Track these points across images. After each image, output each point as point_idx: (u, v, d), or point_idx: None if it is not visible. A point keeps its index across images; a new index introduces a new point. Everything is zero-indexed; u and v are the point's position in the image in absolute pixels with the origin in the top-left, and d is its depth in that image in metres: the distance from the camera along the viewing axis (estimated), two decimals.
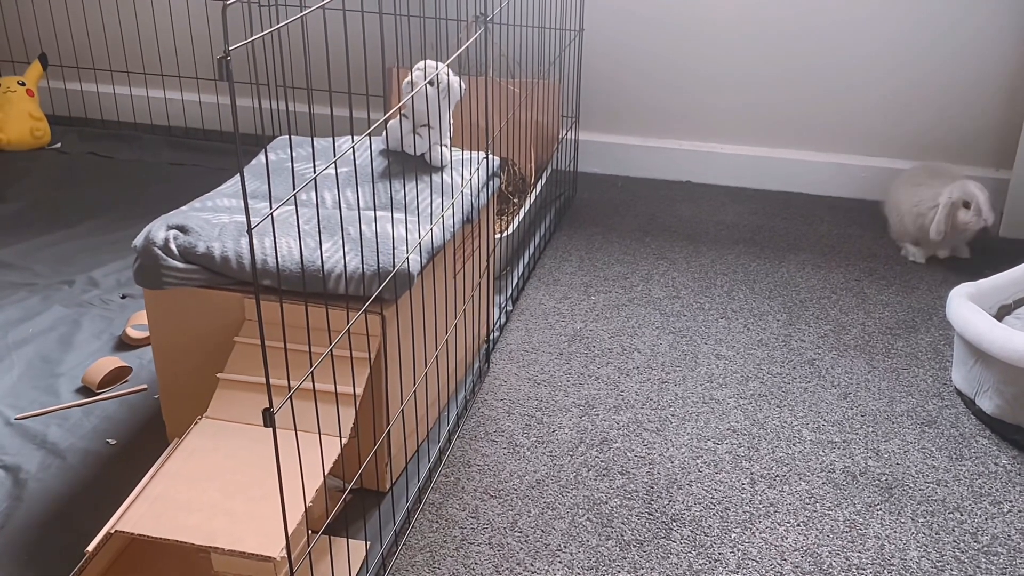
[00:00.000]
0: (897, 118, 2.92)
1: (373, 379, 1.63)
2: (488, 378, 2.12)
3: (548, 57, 2.85)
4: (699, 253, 2.67)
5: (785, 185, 3.05)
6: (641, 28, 2.99)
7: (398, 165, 1.94)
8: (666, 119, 3.09)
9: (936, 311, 2.39)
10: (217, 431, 1.57)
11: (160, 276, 1.67)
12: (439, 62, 1.90)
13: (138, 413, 1.97)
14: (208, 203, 1.86)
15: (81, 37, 3.37)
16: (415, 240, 1.69)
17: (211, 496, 1.44)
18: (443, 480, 1.82)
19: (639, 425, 1.98)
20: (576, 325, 2.32)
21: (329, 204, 1.85)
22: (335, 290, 1.62)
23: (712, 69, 2.99)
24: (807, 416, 2.01)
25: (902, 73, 2.87)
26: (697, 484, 1.82)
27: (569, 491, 1.80)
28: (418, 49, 2.78)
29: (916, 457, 1.90)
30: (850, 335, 2.29)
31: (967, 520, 1.74)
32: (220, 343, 1.68)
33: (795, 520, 1.74)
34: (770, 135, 3.03)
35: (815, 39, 2.88)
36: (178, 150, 3.24)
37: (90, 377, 2.04)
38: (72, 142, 3.27)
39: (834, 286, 2.51)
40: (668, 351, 2.22)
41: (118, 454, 1.86)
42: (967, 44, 2.79)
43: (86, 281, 2.44)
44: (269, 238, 1.66)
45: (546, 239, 2.71)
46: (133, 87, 3.40)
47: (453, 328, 1.93)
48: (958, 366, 2.07)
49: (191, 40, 3.27)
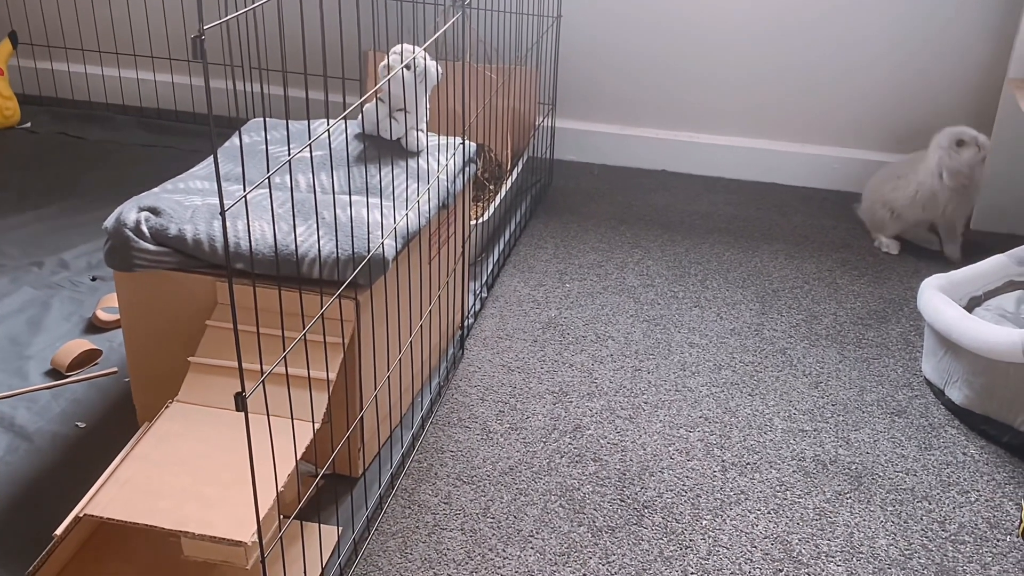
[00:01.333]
0: (871, 111, 2.94)
1: (346, 364, 1.62)
2: (462, 364, 2.12)
3: (525, 43, 2.84)
4: (673, 242, 2.67)
5: (760, 175, 3.07)
6: (619, 16, 2.98)
7: (374, 149, 1.93)
8: (643, 108, 3.09)
9: (907, 302, 2.41)
10: (188, 415, 1.56)
11: (131, 258, 1.65)
12: (416, 46, 1.89)
13: (108, 396, 1.96)
14: (180, 185, 1.85)
15: (52, 15, 3.32)
16: (390, 225, 1.69)
17: (182, 480, 1.43)
18: (416, 466, 1.82)
19: (612, 412, 1.98)
20: (551, 312, 2.32)
21: (303, 188, 1.83)
22: (309, 274, 1.61)
23: (689, 60, 2.99)
24: (778, 405, 2.03)
25: (876, 66, 2.88)
26: (669, 471, 1.83)
27: (542, 477, 1.80)
28: (395, 33, 2.76)
29: (885, 446, 1.92)
30: (822, 325, 2.31)
31: (935, 509, 1.76)
32: (191, 326, 1.67)
33: (765, 508, 1.75)
34: (745, 126, 3.04)
35: (791, 32, 2.89)
36: (151, 131, 3.20)
37: (59, 359, 2.01)
38: (42, 122, 3.23)
39: (807, 276, 2.52)
40: (642, 339, 2.23)
41: (87, 437, 1.84)
42: (940, 39, 2.81)
43: (56, 263, 2.41)
44: (242, 221, 1.64)
45: (521, 226, 2.71)
46: (105, 67, 3.36)
47: (427, 314, 1.93)
48: (928, 357, 2.09)
49: (164, 20, 3.23)
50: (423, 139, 1.97)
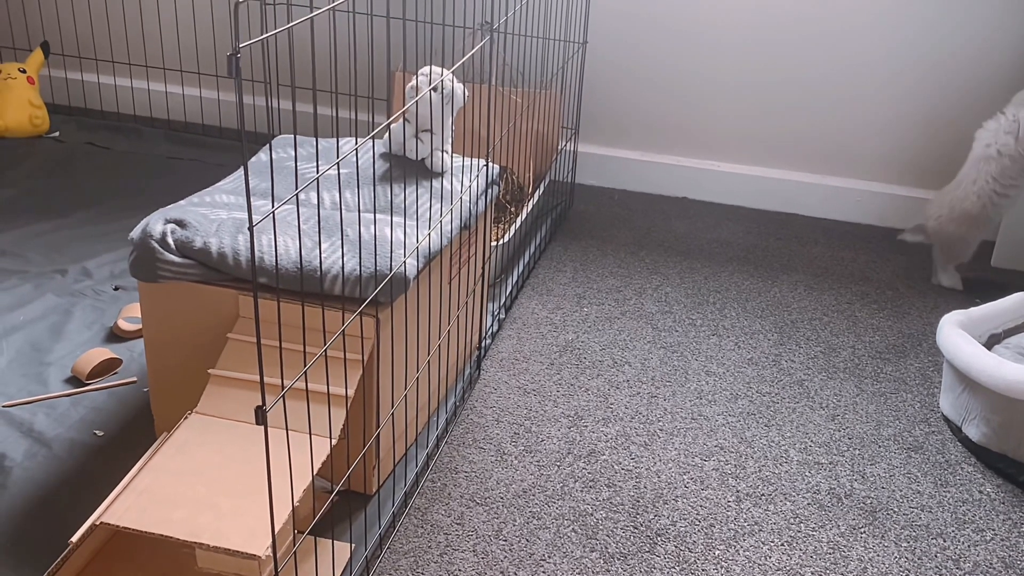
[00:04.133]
0: (894, 144, 2.94)
1: (365, 381, 1.63)
2: (478, 385, 2.12)
3: (551, 68, 2.86)
4: (693, 269, 2.68)
5: (781, 206, 3.07)
6: (644, 44, 3.00)
7: (399, 169, 1.94)
8: (665, 135, 3.10)
9: (926, 337, 2.40)
10: (206, 427, 1.57)
11: (156, 269, 1.67)
12: (444, 68, 1.90)
13: (127, 405, 1.97)
14: (207, 198, 1.86)
15: (84, 27, 3.37)
16: (412, 244, 1.70)
17: (198, 492, 1.44)
18: (430, 485, 1.82)
19: (627, 438, 1.98)
20: (568, 336, 2.32)
21: (328, 205, 1.85)
22: (331, 291, 1.62)
23: (712, 88, 3.01)
24: (794, 436, 2.02)
25: (902, 100, 2.88)
26: (683, 500, 1.82)
27: (555, 501, 1.80)
28: (423, 54, 2.79)
29: (901, 482, 1.91)
30: (840, 357, 2.30)
31: (950, 546, 1.75)
32: (212, 339, 1.68)
33: (779, 540, 1.74)
34: (767, 155, 3.05)
35: (816, 63, 2.90)
36: (177, 144, 3.24)
37: (80, 367, 2.03)
38: (70, 131, 3.27)
39: (826, 308, 2.52)
40: (659, 366, 2.23)
41: (105, 446, 1.86)
42: (963, 73, 2.81)
43: (79, 271, 2.43)
44: (267, 236, 1.66)
45: (541, 249, 2.72)
46: (134, 79, 3.40)
47: (446, 334, 1.94)
48: (946, 393, 2.09)
49: (195, 34, 3.27)
50: (447, 160, 1.99)
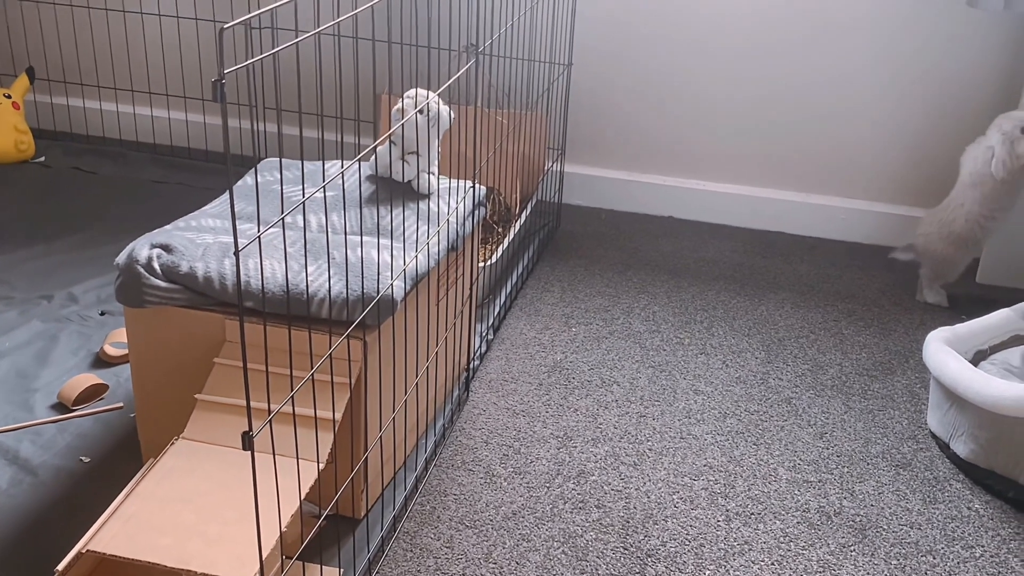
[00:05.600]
0: (878, 162, 2.96)
1: (352, 404, 1.62)
2: (467, 407, 2.12)
3: (536, 89, 2.88)
4: (680, 288, 2.68)
5: (767, 224, 3.08)
6: (628, 65, 3.02)
7: (385, 191, 1.94)
8: (651, 154, 3.12)
9: (913, 354, 2.41)
10: (193, 452, 1.56)
11: (142, 294, 1.66)
12: (429, 90, 1.91)
13: (113, 431, 1.96)
14: (193, 223, 1.86)
15: (70, 52, 3.37)
16: (399, 266, 1.70)
17: (185, 518, 1.43)
18: (419, 509, 1.81)
19: (616, 459, 1.98)
20: (556, 356, 2.32)
21: (315, 228, 1.85)
22: (318, 314, 1.62)
23: (698, 107, 3.02)
24: (783, 455, 2.02)
25: (885, 119, 2.91)
26: (673, 520, 1.82)
27: (545, 523, 1.79)
28: (409, 77, 2.80)
29: (890, 499, 1.91)
30: (827, 375, 2.31)
31: (939, 564, 1.75)
32: (199, 364, 1.67)
33: (769, 559, 1.74)
34: (753, 174, 3.06)
35: (799, 82, 2.92)
36: (163, 168, 3.23)
37: (66, 393, 2.02)
38: (56, 156, 3.26)
39: (812, 326, 2.52)
40: (647, 385, 2.23)
41: (91, 472, 1.84)
42: (949, 91, 2.84)
43: (65, 296, 2.42)
44: (254, 260, 1.66)
45: (529, 269, 2.72)
46: (120, 103, 3.40)
47: (434, 355, 1.93)
48: (933, 410, 2.09)
49: (180, 59, 3.28)
50: (434, 182, 1.99)
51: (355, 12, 1.39)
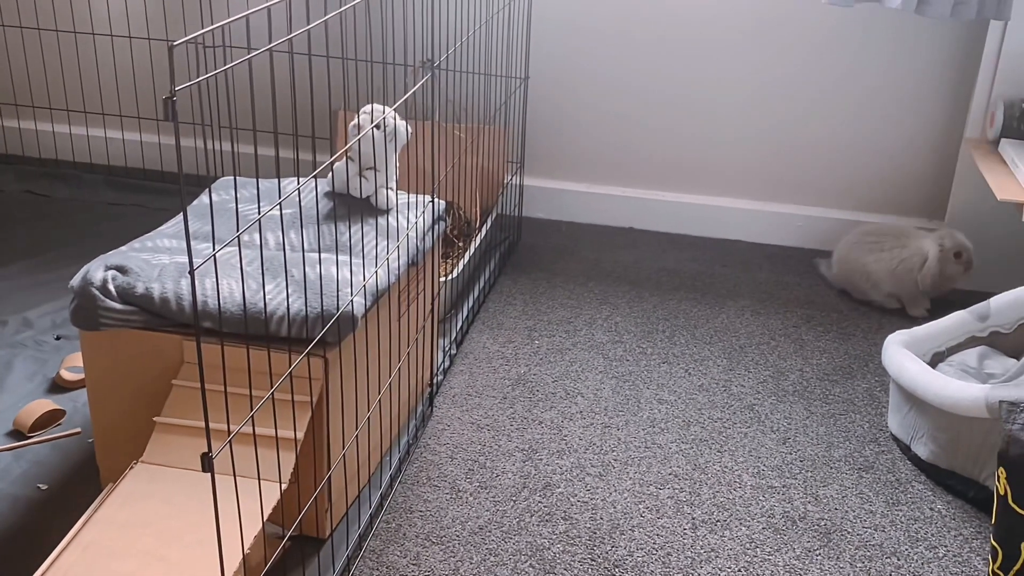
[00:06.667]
0: (834, 170, 3.00)
1: (314, 423, 1.61)
2: (431, 422, 2.11)
3: (494, 103, 2.88)
4: (641, 298, 2.69)
5: (725, 233, 3.11)
6: (585, 78, 3.03)
7: (343, 207, 1.93)
8: (609, 166, 3.13)
9: (872, 358, 2.44)
10: (153, 476, 1.53)
11: (97, 317, 1.64)
12: (386, 106, 1.91)
13: (71, 457, 1.92)
14: (148, 243, 1.84)
15: (20, 73, 3.32)
16: (359, 283, 1.69)
17: (146, 543, 1.40)
18: (384, 526, 1.80)
19: (582, 470, 1.98)
20: (520, 369, 2.32)
21: (272, 246, 1.83)
22: (277, 332, 1.60)
23: (654, 120, 3.04)
24: (747, 461, 2.03)
25: (839, 127, 2.94)
26: (639, 529, 1.82)
27: (512, 537, 1.79)
28: (365, 92, 2.79)
29: (854, 502, 1.93)
30: (788, 381, 2.33)
31: (904, 565, 1.77)
32: (157, 386, 1.65)
33: (736, 565, 1.74)
34: (710, 184, 3.09)
35: (753, 94, 2.95)
36: (118, 190, 3.19)
37: (22, 420, 1.98)
38: (8, 180, 3.21)
39: (772, 332, 2.54)
40: (611, 396, 2.23)
41: (49, 500, 1.81)
42: (901, 99, 2.88)
43: (20, 322, 2.38)
44: (211, 279, 1.64)
45: (491, 283, 2.72)
46: (73, 125, 3.35)
47: (397, 372, 1.92)
48: (893, 412, 2.11)
49: (133, 79, 3.24)
50: (392, 197, 1.98)
51: (308, 28, 1.38)
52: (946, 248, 2.57)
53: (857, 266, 2.69)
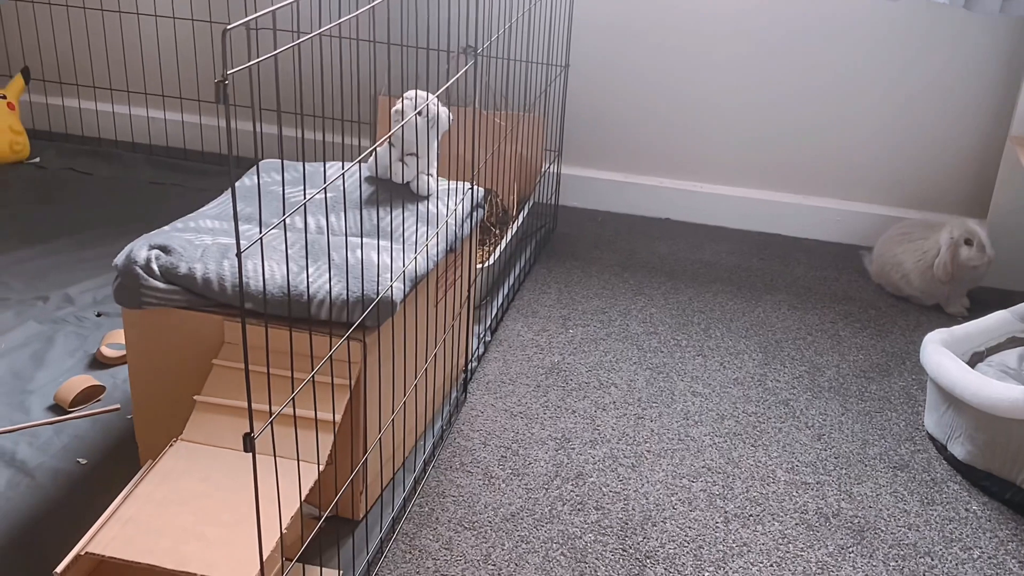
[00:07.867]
0: (875, 165, 2.97)
1: (352, 406, 1.62)
2: (465, 408, 2.12)
3: (534, 91, 2.87)
4: (677, 290, 2.68)
5: (763, 226, 3.09)
6: (625, 67, 3.02)
7: (384, 193, 1.94)
8: (647, 156, 3.12)
9: (910, 356, 2.42)
10: (192, 454, 1.55)
11: (140, 296, 1.66)
12: (428, 92, 1.91)
13: (110, 433, 1.95)
14: (191, 224, 1.86)
15: (65, 52, 3.36)
16: (399, 268, 1.70)
17: (184, 520, 1.42)
18: (417, 510, 1.81)
19: (615, 460, 1.98)
20: (554, 358, 2.32)
21: (314, 229, 1.84)
22: (317, 315, 1.62)
23: (694, 110, 3.03)
24: (781, 456, 2.02)
25: (882, 122, 2.91)
26: (671, 521, 1.82)
27: (543, 525, 1.79)
28: (407, 78, 2.80)
29: (888, 500, 1.91)
30: (824, 376, 2.31)
31: (938, 565, 1.76)
32: (197, 365, 1.67)
33: (768, 560, 1.74)
34: (749, 176, 3.07)
35: (796, 85, 2.93)
36: (158, 169, 3.23)
37: (62, 395, 2.01)
38: (51, 157, 3.25)
39: (809, 327, 2.53)
40: (645, 387, 2.23)
41: (89, 474, 1.84)
42: (946, 95, 2.84)
43: (61, 298, 2.41)
44: (253, 261, 1.65)
45: (526, 271, 2.72)
46: (116, 104, 3.39)
47: (432, 357, 1.93)
48: (930, 411, 2.10)
49: (176, 59, 3.27)
50: (432, 183, 1.99)
51: (355, 14, 1.39)
52: (955, 236, 2.53)
53: (889, 257, 2.68)
